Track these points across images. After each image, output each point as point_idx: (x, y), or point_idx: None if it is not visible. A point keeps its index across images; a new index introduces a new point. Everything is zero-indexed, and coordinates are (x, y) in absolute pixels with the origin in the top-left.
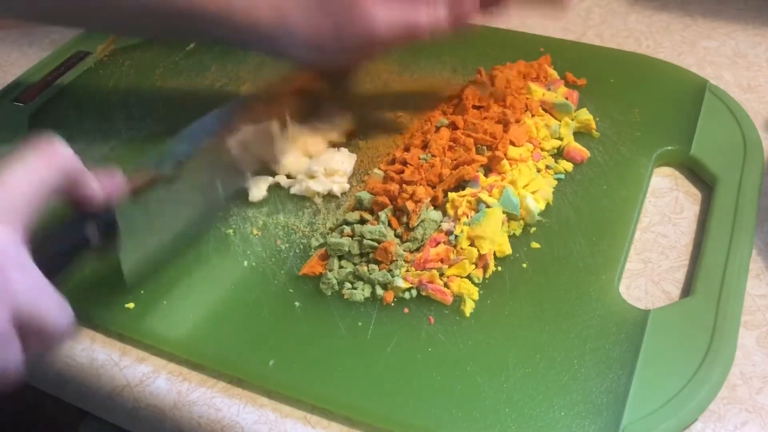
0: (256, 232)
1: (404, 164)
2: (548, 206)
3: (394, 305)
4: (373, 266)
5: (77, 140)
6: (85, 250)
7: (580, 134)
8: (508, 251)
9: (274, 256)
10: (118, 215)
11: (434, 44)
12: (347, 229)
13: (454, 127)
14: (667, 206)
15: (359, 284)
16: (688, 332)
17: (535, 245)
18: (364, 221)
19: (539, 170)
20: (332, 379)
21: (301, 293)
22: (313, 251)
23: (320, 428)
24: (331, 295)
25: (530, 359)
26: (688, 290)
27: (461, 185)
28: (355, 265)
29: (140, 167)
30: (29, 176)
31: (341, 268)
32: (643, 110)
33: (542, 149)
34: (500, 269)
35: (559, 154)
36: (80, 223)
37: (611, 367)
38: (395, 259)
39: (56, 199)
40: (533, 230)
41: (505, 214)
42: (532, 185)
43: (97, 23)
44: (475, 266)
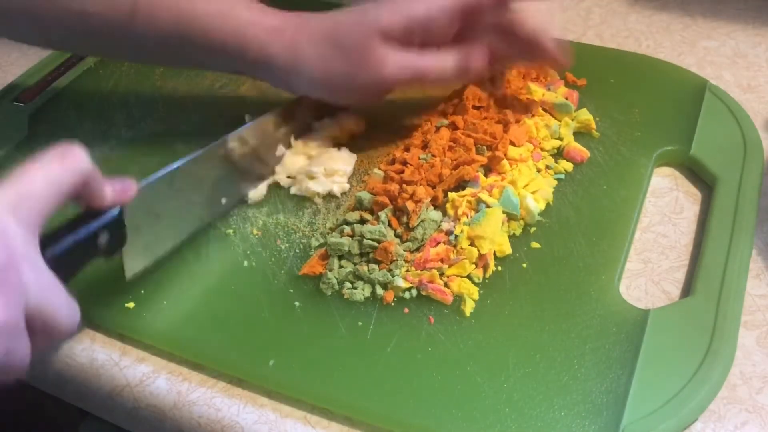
0: (256, 232)
1: (404, 164)
2: (548, 206)
3: (394, 305)
4: (373, 266)
5: (77, 140)
6: (93, 251)
7: (580, 134)
8: (508, 251)
9: (274, 256)
10: (126, 218)
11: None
12: (347, 229)
13: (454, 127)
14: (667, 206)
15: (359, 284)
16: (688, 332)
17: (535, 245)
18: (364, 221)
19: (539, 170)
20: (332, 379)
21: (301, 293)
22: (313, 251)
23: (320, 428)
24: (331, 294)
25: (530, 359)
26: (688, 290)
27: (461, 185)
28: (355, 264)
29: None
30: (47, 178)
31: (341, 267)
32: (643, 110)
33: (542, 149)
34: (500, 269)
35: (559, 154)
36: (91, 226)
37: (611, 367)
38: (395, 258)
39: (70, 202)
40: (533, 230)
41: (505, 214)
42: (532, 185)
43: (115, 54)
44: (475, 266)
